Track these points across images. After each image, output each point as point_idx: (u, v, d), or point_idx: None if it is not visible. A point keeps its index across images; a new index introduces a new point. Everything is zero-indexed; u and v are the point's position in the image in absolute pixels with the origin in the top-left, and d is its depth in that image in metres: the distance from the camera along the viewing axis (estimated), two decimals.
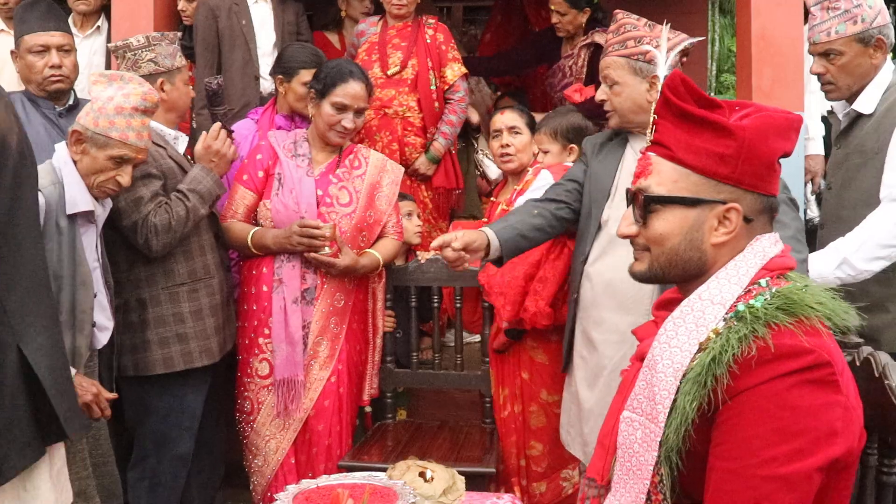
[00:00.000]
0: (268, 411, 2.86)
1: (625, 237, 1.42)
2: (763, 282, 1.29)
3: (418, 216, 3.49)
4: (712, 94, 8.09)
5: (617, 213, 2.40)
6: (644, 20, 2.47)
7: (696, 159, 1.32)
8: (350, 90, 2.90)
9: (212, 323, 2.77)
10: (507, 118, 3.20)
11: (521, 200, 2.78)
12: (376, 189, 3.02)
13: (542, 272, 2.79)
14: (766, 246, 1.32)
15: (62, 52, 2.95)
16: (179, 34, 3.68)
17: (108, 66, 3.76)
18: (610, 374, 2.38)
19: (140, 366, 2.70)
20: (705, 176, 1.32)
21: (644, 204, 1.37)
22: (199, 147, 2.77)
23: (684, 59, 2.44)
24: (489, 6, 6.48)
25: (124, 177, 2.38)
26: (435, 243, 2.33)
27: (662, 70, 1.47)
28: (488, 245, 2.36)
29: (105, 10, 3.88)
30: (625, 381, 1.45)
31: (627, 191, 1.43)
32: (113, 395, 2.36)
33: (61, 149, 2.39)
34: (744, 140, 1.29)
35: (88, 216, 2.39)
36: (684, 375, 1.26)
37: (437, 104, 3.78)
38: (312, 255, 2.81)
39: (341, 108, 2.90)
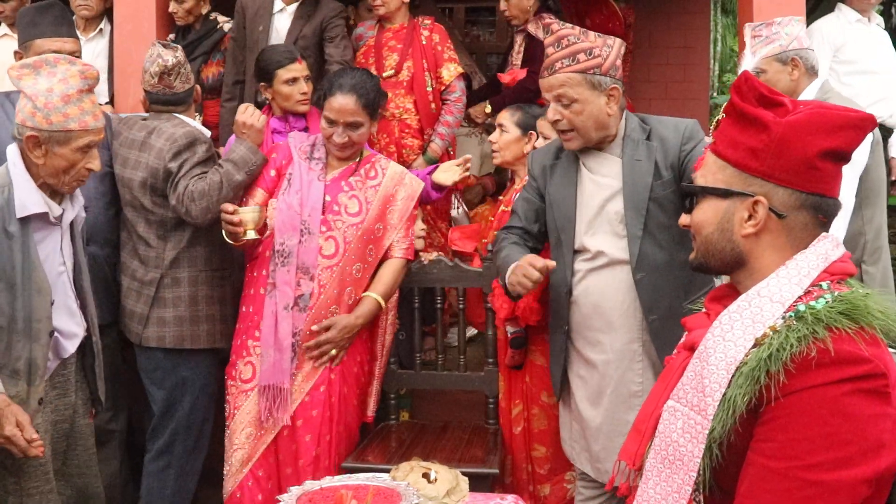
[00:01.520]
0: (241, 418, 2.77)
1: (683, 227, 1.48)
2: (824, 284, 1.30)
3: (422, 220, 3.49)
4: (714, 94, 8.10)
5: (592, 239, 2.39)
6: (579, 28, 2.39)
7: (733, 153, 1.36)
8: (335, 104, 2.78)
9: (230, 311, 2.96)
10: (500, 115, 3.24)
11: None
12: (389, 202, 2.91)
13: None
14: (829, 249, 1.33)
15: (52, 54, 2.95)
16: (172, 36, 3.74)
17: (110, 68, 3.77)
18: (613, 391, 2.37)
19: (167, 339, 2.91)
20: (738, 169, 1.35)
21: (682, 194, 1.44)
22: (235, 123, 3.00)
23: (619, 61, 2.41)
24: (491, 7, 6.50)
25: (94, 162, 2.28)
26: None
27: (747, 66, 1.51)
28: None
29: (107, 12, 3.89)
30: (669, 368, 1.46)
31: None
32: (36, 437, 2.16)
33: (11, 151, 2.27)
34: (776, 134, 1.31)
35: (46, 218, 2.28)
36: (737, 369, 1.26)
37: (433, 105, 3.79)
38: (314, 352, 2.75)
39: (330, 122, 2.81)
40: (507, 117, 3.20)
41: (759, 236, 1.34)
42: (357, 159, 2.92)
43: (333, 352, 2.75)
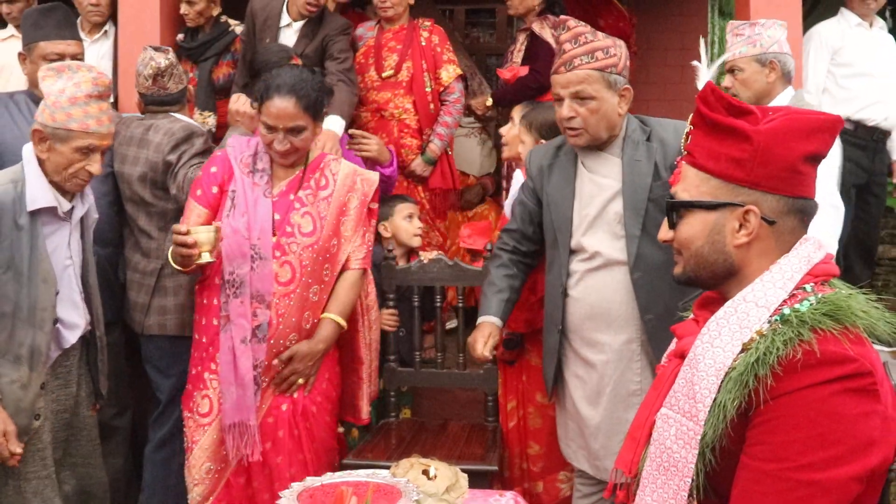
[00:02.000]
0: (199, 454, 2.60)
1: (664, 242, 1.48)
2: (808, 287, 1.32)
3: (419, 218, 3.51)
4: None
5: (590, 239, 2.40)
6: (589, 27, 2.42)
7: (715, 164, 1.37)
8: (272, 108, 2.53)
9: None
10: (514, 109, 3.23)
11: (507, 204, 2.84)
12: (343, 213, 2.68)
13: None
14: (811, 251, 1.35)
15: (75, 60, 2.99)
16: (181, 36, 3.76)
17: (114, 70, 3.80)
18: (612, 390, 2.39)
19: (168, 326, 2.98)
20: (723, 180, 1.36)
21: (669, 209, 1.44)
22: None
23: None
24: (491, 9, 6.51)
25: (94, 165, 2.36)
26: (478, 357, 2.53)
27: (704, 80, 1.53)
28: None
29: (111, 14, 3.92)
30: (661, 376, 1.48)
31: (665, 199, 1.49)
32: (19, 452, 2.26)
33: (27, 148, 2.39)
34: (759, 143, 1.32)
35: (55, 213, 2.38)
36: (726, 375, 1.28)
37: (432, 106, 3.82)
38: (282, 386, 2.60)
39: (268, 128, 2.56)
40: (517, 111, 3.17)
41: (751, 245, 1.36)
42: (302, 166, 2.68)
43: (301, 381, 2.61)
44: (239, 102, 3.05)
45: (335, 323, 2.66)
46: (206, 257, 2.42)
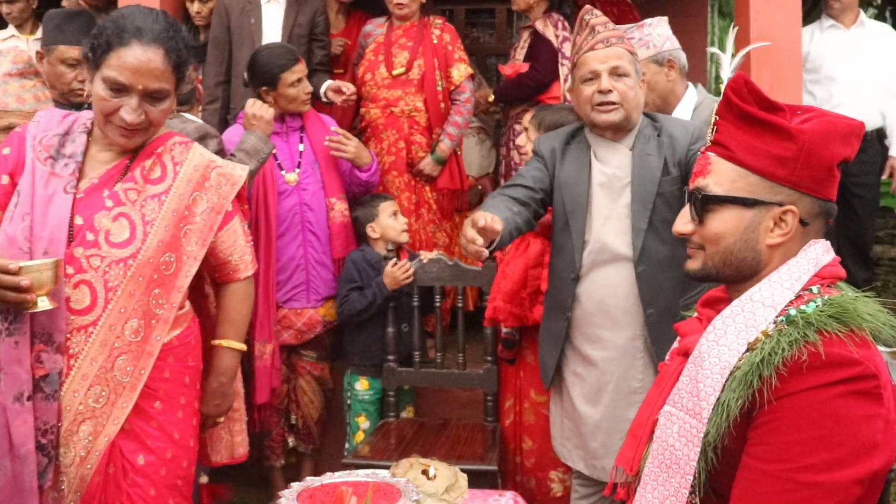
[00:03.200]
0: None
1: (681, 235, 1.45)
2: (815, 288, 1.31)
3: (401, 213, 3.49)
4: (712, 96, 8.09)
5: (599, 230, 2.37)
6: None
7: (756, 160, 1.34)
8: (130, 58, 1.81)
9: None
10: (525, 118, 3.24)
11: None
12: (187, 220, 1.95)
13: (503, 267, 2.84)
14: (820, 253, 1.35)
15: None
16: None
17: None
18: (614, 388, 2.37)
19: None
20: (763, 177, 1.34)
21: (702, 203, 1.39)
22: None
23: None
24: (491, 9, 6.52)
25: None
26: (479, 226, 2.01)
27: (727, 72, 1.51)
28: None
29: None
30: (664, 374, 1.48)
31: (685, 190, 1.46)
32: None
33: None
34: (804, 143, 1.31)
35: None
36: (731, 374, 1.28)
37: (442, 105, 3.80)
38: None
39: (117, 89, 1.83)
40: (528, 120, 3.16)
41: (782, 244, 1.35)
42: (132, 152, 1.96)
43: (221, 419, 2.18)
44: (255, 106, 3.04)
45: (232, 351, 2.14)
46: (44, 304, 1.76)
